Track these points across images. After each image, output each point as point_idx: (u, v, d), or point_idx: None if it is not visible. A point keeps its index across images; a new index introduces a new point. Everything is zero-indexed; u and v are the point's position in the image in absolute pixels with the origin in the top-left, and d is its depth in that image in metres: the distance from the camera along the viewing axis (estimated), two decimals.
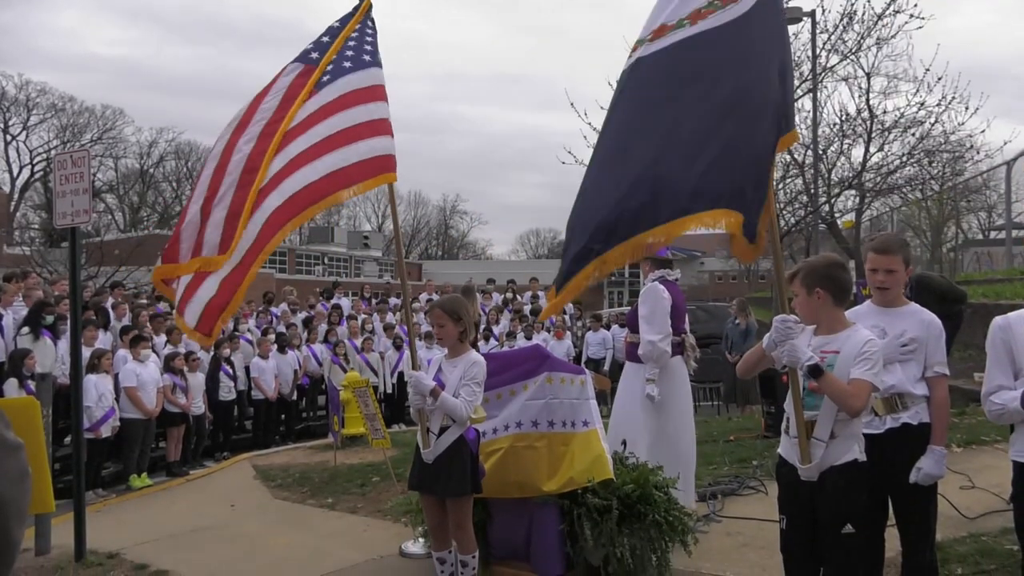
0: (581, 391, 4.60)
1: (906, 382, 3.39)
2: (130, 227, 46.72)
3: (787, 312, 3.13)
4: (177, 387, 9.56)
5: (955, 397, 3.48)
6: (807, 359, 3.01)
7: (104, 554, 5.65)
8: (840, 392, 3.00)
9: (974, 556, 4.40)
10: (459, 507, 4.04)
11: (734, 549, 5.04)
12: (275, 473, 8.55)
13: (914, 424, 3.38)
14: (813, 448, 3.10)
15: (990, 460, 6.31)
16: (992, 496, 5.33)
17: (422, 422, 4.07)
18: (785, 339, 3.04)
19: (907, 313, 3.48)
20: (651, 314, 5.44)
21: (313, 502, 7.23)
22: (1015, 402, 2.73)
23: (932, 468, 3.30)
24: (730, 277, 57.51)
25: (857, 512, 3.09)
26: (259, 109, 4.31)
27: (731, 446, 8.13)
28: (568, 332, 14.64)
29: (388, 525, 6.13)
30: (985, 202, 36.11)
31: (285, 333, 12.42)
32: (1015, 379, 2.82)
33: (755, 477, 6.50)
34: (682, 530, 4.43)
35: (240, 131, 4.26)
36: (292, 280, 32.06)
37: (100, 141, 47.55)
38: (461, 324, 4.11)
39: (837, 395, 3.01)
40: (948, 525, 4.66)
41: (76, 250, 5.96)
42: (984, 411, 2.99)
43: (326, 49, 4.51)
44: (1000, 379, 2.86)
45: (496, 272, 23.13)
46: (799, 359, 3.01)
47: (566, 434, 4.53)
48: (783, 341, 3.04)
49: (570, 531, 4.37)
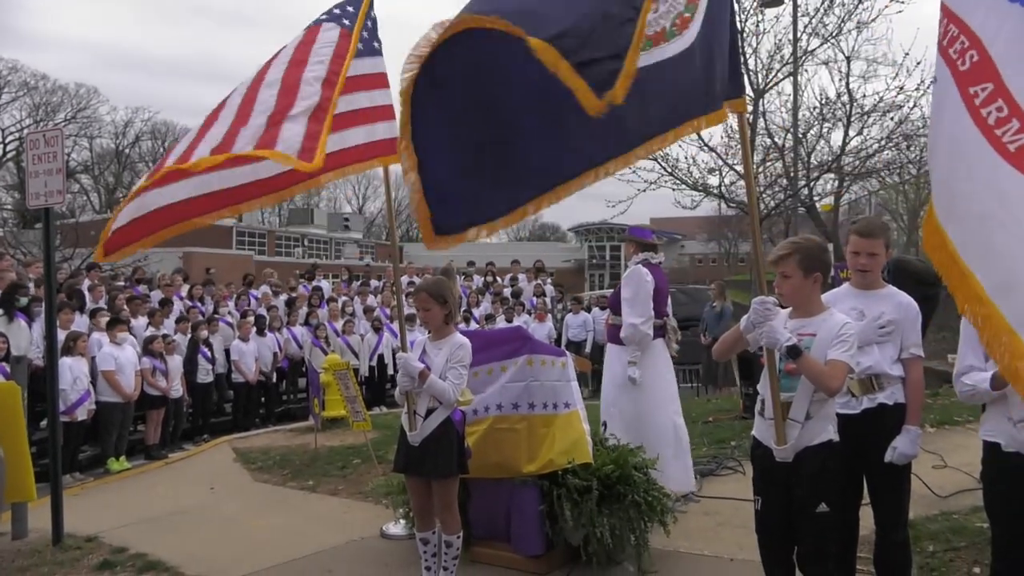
0: (562, 373, 4.62)
1: (883, 363, 3.44)
2: (106, 208, 46.01)
3: (765, 294, 3.16)
4: (157, 370, 9.48)
5: (929, 378, 3.53)
6: (785, 340, 3.03)
7: (82, 537, 5.62)
8: (818, 373, 3.04)
9: (945, 534, 4.49)
10: (445, 488, 4.05)
11: (711, 528, 5.10)
12: (255, 456, 8.52)
13: (890, 404, 3.43)
14: (789, 429, 3.14)
15: (962, 440, 6.43)
16: (963, 475, 5.44)
17: (409, 404, 4.07)
18: (764, 321, 3.07)
19: (885, 296, 3.53)
20: (634, 297, 5.46)
21: (294, 484, 7.22)
22: (985, 383, 2.78)
23: (906, 447, 3.35)
24: (710, 260, 57.94)
25: (832, 491, 3.14)
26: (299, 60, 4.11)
27: (710, 427, 8.22)
28: (549, 315, 14.66)
29: (369, 507, 6.14)
30: None
31: (265, 315, 12.34)
32: (986, 360, 2.86)
33: (733, 457, 6.58)
34: (661, 510, 4.48)
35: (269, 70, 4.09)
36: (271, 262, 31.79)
37: (74, 120, 46.68)
38: (447, 307, 4.10)
39: (815, 376, 3.04)
40: (920, 503, 4.74)
41: (50, 231, 5.86)
42: (956, 391, 3.04)
43: (354, 20, 4.42)
44: (972, 360, 2.90)
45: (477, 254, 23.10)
46: (778, 340, 3.03)
47: (547, 416, 4.55)
48: (761, 323, 3.07)
49: (550, 512, 4.40)
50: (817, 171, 14.43)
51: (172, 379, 9.69)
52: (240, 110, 3.90)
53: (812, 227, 17.23)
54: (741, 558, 4.45)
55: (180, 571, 4.90)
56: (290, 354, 12.45)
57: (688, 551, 4.70)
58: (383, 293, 14.64)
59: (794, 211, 15.53)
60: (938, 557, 4.21)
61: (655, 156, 11.25)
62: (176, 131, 54.66)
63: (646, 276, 5.51)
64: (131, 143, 52.53)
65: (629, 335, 5.42)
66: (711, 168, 13.55)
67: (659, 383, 5.57)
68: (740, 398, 9.38)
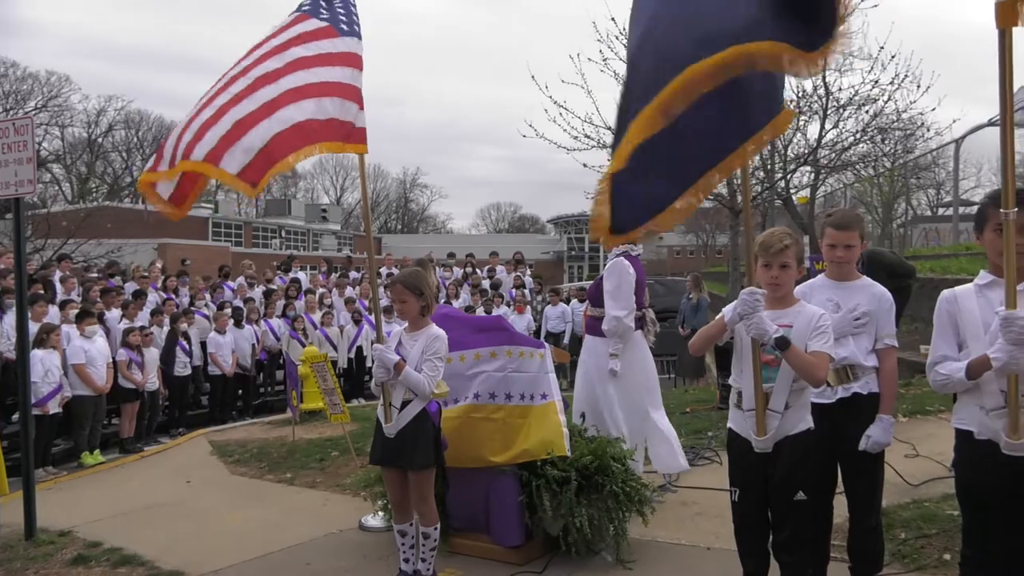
0: (541, 365, 4.63)
1: (857, 354, 3.49)
2: (78, 198, 45.27)
3: (753, 285, 3.17)
4: (133, 363, 9.36)
5: (902, 369, 3.59)
6: (774, 331, 3.06)
7: (55, 532, 5.54)
8: (806, 363, 3.08)
9: (917, 521, 4.56)
10: (422, 480, 4.05)
11: (689, 518, 5.15)
12: (232, 449, 8.45)
13: (864, 394, 3.49)
14: (768, 419, 3.17)
15: (934, 429, 6.53)
16: (935, 464, 5.53)
17: (385, 396, 4.06)
18: (752, 312, 3.07)
19: (860, 287, 3.57)
20: (616, 289, 5.46)
21: (271, 477, 7.17)
22: (959, 373, 2.82)
23: (880, 436, 3.41)
24: (688, 252, 58.23)
25: (809, 479, 3.19)
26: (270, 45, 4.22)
27: (687, 418, 8.27)
28: (528, 306, 14.67)
29: (347, 499, 6.12)
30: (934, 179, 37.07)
31: (242, 307, 12.22)
32: (959, 350, 2.90)
33: (710, 448, 6.63)
34: (639, 500, 4.51)
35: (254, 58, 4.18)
36: (249, 254, 31.50)
37: (45, 109, 45.75)
38: (423, 299, 4.09)
39: (802, 366, 3.09)
40: (893, 492, 4.81)
41: (20, 222, 5.76)
42: (929, 381, 3.09)
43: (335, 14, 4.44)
44: (945, 350, 2.94)
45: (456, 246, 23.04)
46: (766, 332, 3.05)
47: (524, 407, 4.56)
48: (750, 314, 3.08)
49: (529, 502, 4.41)
50: (793, 164, 14.52)
51: (148, 372, 9.58)
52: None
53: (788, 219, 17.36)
54: (718, 547, 4.50)
55: (156, 565, 4.85)
56: (267, 346, 12.36)
57: (666, 540, 4.74)
58: (362, 284, 14.55)
59: (771, 203, 15.65)
60: (909, 544, 4.28)
61: None
62: (150, 120, 53.88)
63: (628, 269, 5.51)
64: (104, 132, 51.67)
65: (612, 327, 5.42)
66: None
67: (640, 375, 5.60)
68: (716, 389, 9.46)
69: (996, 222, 2.74)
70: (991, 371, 2.70)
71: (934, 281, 10.18)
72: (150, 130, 54.20)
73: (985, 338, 2.77)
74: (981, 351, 2.74)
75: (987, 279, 2.88)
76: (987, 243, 2.89)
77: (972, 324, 2.86)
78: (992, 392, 2.77)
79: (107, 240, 21.30)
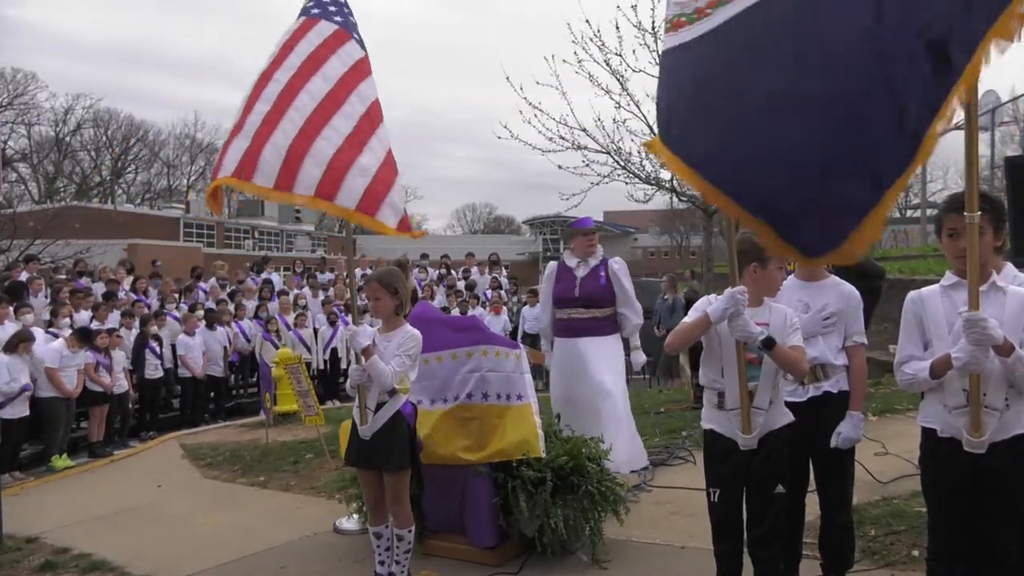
0: (516, 365, 4.63)
1: (827, 353, 3.55)
2: (45, 198, 44.42)
3: (737, 285, 3.20)
4: (100, 365, 9.22)
5: (872, 368, 3.66)
6: (759, 332, 3.11)
7: (22, 538, 5.45)
8: (791, 360, 3.18)
9: (886, 518, 4.64)
10: (397, 481, 4.04)
11: (664, 517, 5.19)
12: (204, 452, 8.37)
13: (834, 392, 3.55)
14: (755, 417, 3.22)
15: (902, 428, 6.63)
16: (904, 461, 5.62)
17: (360, 398, 4.05)
18: (739, 313, 3.10)
19: (828, 286, 3.63)
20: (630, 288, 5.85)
21: (244, 481, 7.11)
22: (924, 372, 2.88)
23: (850, 432, 3.47)
24: (663, 253, 58.61)
25: (787, 472, 3.29)
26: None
27: (661, 418, 8.33)
28: (504, 307, 14.69)
29: (322, 502, 6.09)
30: None
31: (215, 309, 12.09)
32: (924, 350, 2.97)
33: (684, 448, 6.69)
34: (614, 500, 4.53)
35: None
36: (221, 255, 31.12)
37: (11, 107, 44.95)
38: (397, 297, 4.09)
39: (788, 363, 3.18)
40: (863, 489, 4.90)
41: None
42: (896, 380, 3.15)
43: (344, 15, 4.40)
44: (911, 350, 3.00)
45: (431, 247, 22.90)
46: (752, 333, 3.10)
47: (501, 406, 4.56)
48: (737, 315, 3.11)
49: (504, 503, 4.42)
50: None
51: (116, 374, 9.43)
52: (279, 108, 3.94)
53: None
54: (692, 546, 4.53)
55: (126, 571, 4.79)
56: (239, 348, 12.25)
57: (641, 540, 4.77)
58: (335, 286, 14.47)
59: None
60: (879, 541, 4.35)
61: (608, 150, 11.32)
62: (119, 119, 53.02)
63: None
64: (72, 131, 50.81)
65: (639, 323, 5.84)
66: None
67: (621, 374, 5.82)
68: (691, 389, 9.54)
69: (949, 227, 2.87)
70: (954, 370, 2.76)
71: (903, 282, 10.36)
72: (119, 128, 53.41)
73: (949, 338, 2.83)
74: (945, 351, 2.80)
75: (952, 280, 2.95)
76: (945, 247, 2.98)
77: (937, 324, 2.92)
78: (955, 391, 2.84)
79: (75, 241, 20.91)
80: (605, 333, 5.79)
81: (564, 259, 6.05)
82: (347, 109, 4.08)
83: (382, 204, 3.97)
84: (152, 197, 57.30)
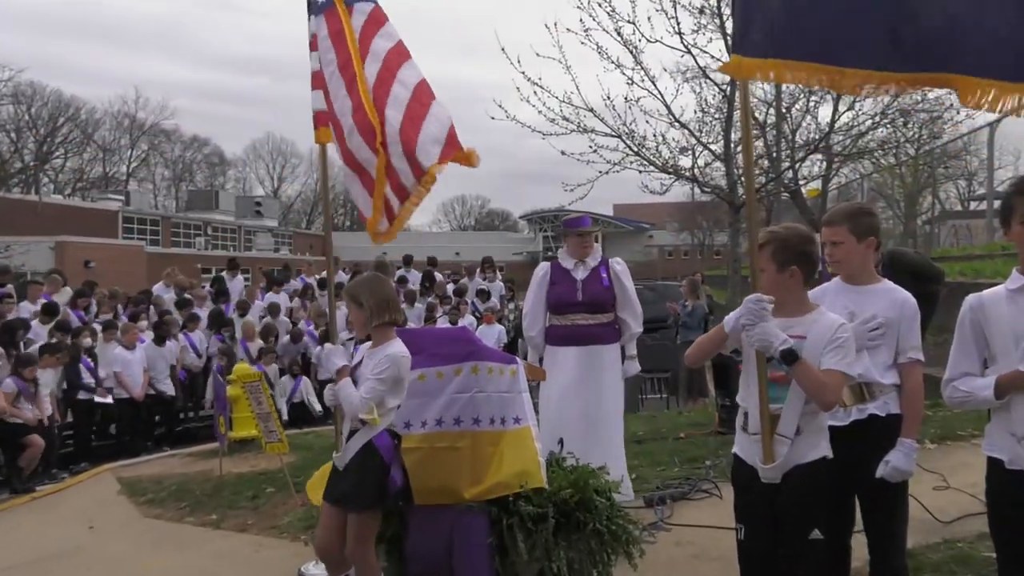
0: (512, 383, 4.62)
1: (873, 370, 3.50)
2: None
3: (757, 290, 3.18)
4: (22, 395, 9.08)
5: (929, 387, 3.61)
6: (780, 343, 3.03)
7: None
8: (815, 382, 3.05)
9: (948, 564, 4.62)
10: (361, 523, 4.06)
11: (684, 561, 5.17)
12: (145, 486, 8.33)
13: (882, 416, 3.49)
14: (777, 446, 3.17)
15: (967, 457, 6.61)
16: (968, 497, 5.59)
17: (336, 422, 4.08)
18: (758, 321, 3.06)
19: (879, 292, 3.59)
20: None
21: (193, 520, 7.08)
22: (987, 390, 2.82)
23: (901, 462, 3.39)
24: (682, 252, 58.79)
25: (824, 515, 3.19)
26: None
27: (681, 444, 8.32)
28: (498, 316, 14.69)
29: (285, 544, 6.07)
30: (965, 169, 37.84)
31: (163, 321, 12.07)
32: (984, 366, 2.92)
33: (708, 479, 6.67)
34: (626, 540, 4.51)
35: None
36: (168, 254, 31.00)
37: None
38: (363, 310, 4.11)
39: (811, 385, 3.06)
40: (920, 530, 4.87)
41: None
42: (944, 398, 3.10)
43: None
44: (966, 365, 2.95)
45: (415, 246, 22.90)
46: (771, 343, 3.03)
47: (494, 432, 4.54)
48: (753, 324, 3.07)
49: (500, 543, 4.40)
50: (802, 151, 14.70)
51: (43, 402, 9.29)
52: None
53: (796, 215, 17.56)
54: None
55: None
56: (187, 364, 12.21)
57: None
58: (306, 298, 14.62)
59: (776, 197, 15.82)
60: None
61: (619, 133, 11.35)
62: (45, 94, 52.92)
63: None
64: None
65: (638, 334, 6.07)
66: (683, 147, 13.74)
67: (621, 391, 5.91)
68: (715, 410, 9.53)
69: (1022, 212, 2.79)
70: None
71: (965, 286, 10.36)
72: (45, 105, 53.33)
73: (1016, 352, 2.80)
74: (1012, 366, 2.77)
75: (1020, 282, 2.90)
76: (1016, 238, 2.90)
77: (1001, 334, 2.87)
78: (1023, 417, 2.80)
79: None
80: (610, 341, 5.86)
81: (559, 259, 6.06)
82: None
83: (416, 149, 4.44)
84: (85, 187, 57.21)
